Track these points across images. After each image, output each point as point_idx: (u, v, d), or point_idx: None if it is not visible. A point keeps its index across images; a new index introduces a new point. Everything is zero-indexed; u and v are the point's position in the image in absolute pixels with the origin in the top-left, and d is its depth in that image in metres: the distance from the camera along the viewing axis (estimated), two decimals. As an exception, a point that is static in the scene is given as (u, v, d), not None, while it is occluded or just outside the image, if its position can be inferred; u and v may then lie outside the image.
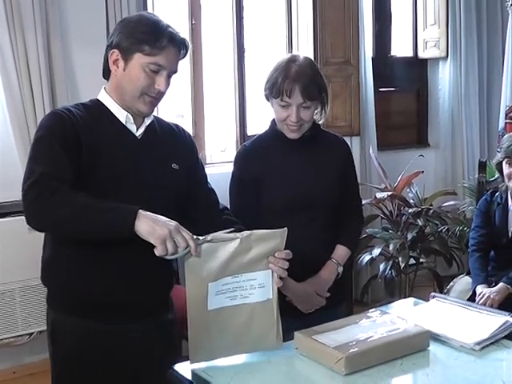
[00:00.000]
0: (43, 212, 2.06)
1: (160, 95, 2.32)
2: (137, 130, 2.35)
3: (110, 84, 2.36)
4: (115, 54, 2.28)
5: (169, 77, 2.31)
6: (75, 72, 4.33)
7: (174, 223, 2.03)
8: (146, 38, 2.23)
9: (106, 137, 2.29)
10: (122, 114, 2.33)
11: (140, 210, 2.03)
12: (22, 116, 4.06)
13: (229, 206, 2.71)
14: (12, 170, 4.18)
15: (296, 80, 2.60)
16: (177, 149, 2.45)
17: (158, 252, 1.99)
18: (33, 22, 3.99)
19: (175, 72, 2.34)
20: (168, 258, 2.02)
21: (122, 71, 2.28)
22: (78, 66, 4.33)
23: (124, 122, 2.33)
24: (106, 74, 2.37)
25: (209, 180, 2.61)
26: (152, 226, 1.99)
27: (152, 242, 1.99)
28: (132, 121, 2.34)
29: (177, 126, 2.54)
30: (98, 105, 2.35)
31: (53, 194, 2.04)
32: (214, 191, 2.58)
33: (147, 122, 2.38)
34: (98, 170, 2.22)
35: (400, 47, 6.52)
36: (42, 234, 4.05)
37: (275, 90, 2.63)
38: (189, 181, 2.47)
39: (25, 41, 4.01)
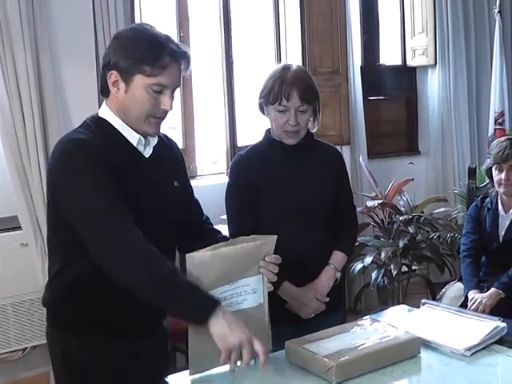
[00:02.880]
0: (121, 269, 2.03)
1: (166, 114, 2.22)
2: (144, 149, 2.26)
3: (113, 104, 2.22)
4: (114, 75, 2.15)
5: (172, 92, 2.20)
6: (65, 87, 4.32)
7: (247, 335, 1.99)
8: (145, 57, 2.11)
9: (120, 161, 2.17)
10: (133, 137, 2.21)
11: (219, 307, 2.01)
12: (12, 131, 4.05)
13: (225, 216, 2.74)
14: (3, 186, 4.18)
15: (293, 84, 2.66)
16: (174, 165, 2.41)
17: (220, 360, 2.00)
18: (21, 39, 3.98)
19: (178, 86, 2.24)
20: None
21: (124, 93, 2.16)
22: (67, 82, 4.32)
23: (135, 145, 2.22)
24: (105, 92, 2.24)
25: (200, 192, 2.62)
26: (225, 332, 1.99)
27: (218, 345, 1.99)
28: (143, 142, 2.24)
29: (165, 136, 2.47)
30: (104, 125, 2.22)
31: (128, 248, 2.01)
32: (198, 201, 2.56)
33: (154, 141, 2.29)
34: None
35: (388, 56, 6.54)
36: (34, 250, 4.09)
37: (272, 95, 2.68)
38: (186, 195, 2.46)
39: (14, 57, 3.99)
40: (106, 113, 2.24)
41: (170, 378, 2.20)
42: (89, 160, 2.08)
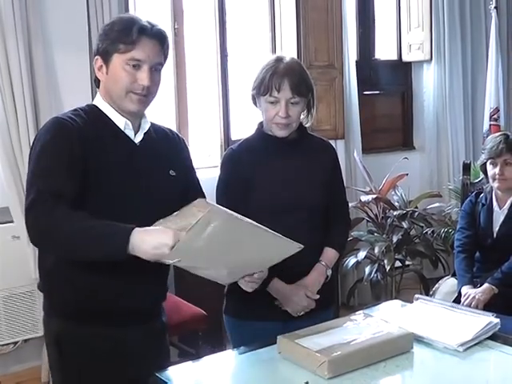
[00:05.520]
0: (41, 237, 2.07)
1: (147, 91, 2.26)
2: (135, 135, 2.33)
3: (101, 89, 2.33)
4: (98, 60, 2.28)
5: (155, 70, 2.27)
6: (57, 77, 4.29)
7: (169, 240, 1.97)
8: (118, 36, 2.22)
9: (107, 144, 2.26)
10: (120, 120, 2.29)
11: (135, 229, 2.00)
12: (4, 122, 4.03)
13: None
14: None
15: (285, 75, 2.63)
16: (173, 155, 2.44)
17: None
18: (13, 29, 3.95)
19: (160, 64, 2.30)
20: None
21: (106, 75, 2.27)
22: (59, 71, 4.29)
23: (123, 128, 2.30)
24: (97, 82, 2.36)
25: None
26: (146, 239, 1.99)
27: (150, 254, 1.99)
28: (130, 127, 2.31)
29: (170, 130, 2.53)
30: (96, 111, 2.31)
31: (48, 215, 2.02)
32: (204, 195, 2.55)
33: (145, 127, 2.36)
34: (101, 180, 2.19)
35: (384, 50, 6.51)
36: (26, 242, 4.07)
37: (263, 86, 2.65)
38: (185, 186, 2.45)
39: (6, 47, 3.97)
40: (98, 100, 2.35)
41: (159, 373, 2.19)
42: (58, 135, 2.17)
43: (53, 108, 4.17)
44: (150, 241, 1.98)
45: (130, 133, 2.31)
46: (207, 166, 5.25)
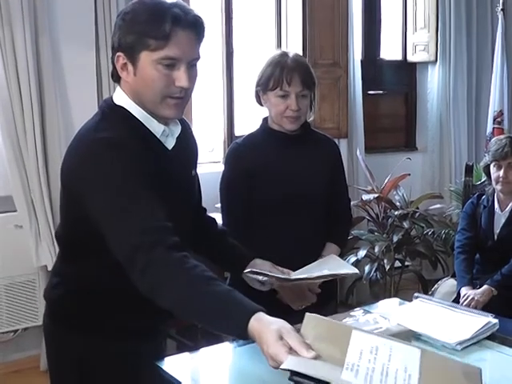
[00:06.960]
0: (153, 293, 1.81)
1: (185, 93, 1.97)
2: (166, 139, 2.09)
3: (127, 89, 2.02)
4: (121, 57, 1.95)
5: (192, 65, 1.96)
6: (63, 71, 4.30)
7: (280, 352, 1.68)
8: (146, 29, 1.87)
9: (143, 153, 1.96)
10: (157, 128, 2.03)
11: (252, 322, 1.76)
12: (10, 113, 4.05)
13: (219, 204, 2.74)
14: (-2, 166, 4.18)
15: (295, 69, 2.68)
16: (192, 153, 2.29)
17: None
18: (21, 19, 3.96)
19: (197, 59, 1.98)
20: None
21: (133, 76, 1.95)
22: (66, 65, 4.31)
23: (159, 136, 2.04)
24: (115, 78, 2.05)
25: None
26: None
27: None
28: (167, 133, 2.06)
29: (182, 120, 2.24)
30: (126, 116, 2.01)
31: (164, 270, 1.77)
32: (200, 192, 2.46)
33: (177, 131, 2.12)
34: None
35: (389, 50, 6.52)
36: (29, 232, 4.08)
37: (273, 81, 2.69)
38: (198, 183, 2.34)
39: (13, 38, 3.99)
40: (122, 99, 2.04)
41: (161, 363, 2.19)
42: (119, 158, 1.88)
43: (58, 100, 4.20)
44: (257, 341, 1.75)
45: (163, 139, 2.06)
46: (210, 161, 5.27)
